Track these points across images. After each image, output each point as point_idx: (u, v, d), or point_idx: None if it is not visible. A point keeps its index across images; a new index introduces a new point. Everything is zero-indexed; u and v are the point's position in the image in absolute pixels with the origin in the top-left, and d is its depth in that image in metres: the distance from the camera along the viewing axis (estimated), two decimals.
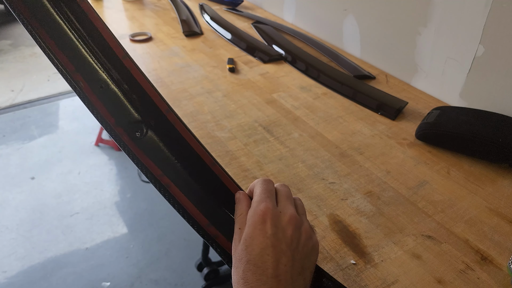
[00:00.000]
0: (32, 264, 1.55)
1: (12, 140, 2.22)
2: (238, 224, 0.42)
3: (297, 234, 0.40)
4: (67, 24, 0.41)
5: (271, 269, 0.37)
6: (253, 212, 0.40)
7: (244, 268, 0.37)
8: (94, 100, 0.42)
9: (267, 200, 0.41)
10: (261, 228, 0.39)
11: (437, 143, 0.80)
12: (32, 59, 3.15)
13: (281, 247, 0.38)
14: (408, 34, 1.01)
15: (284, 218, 0.40)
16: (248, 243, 0.38)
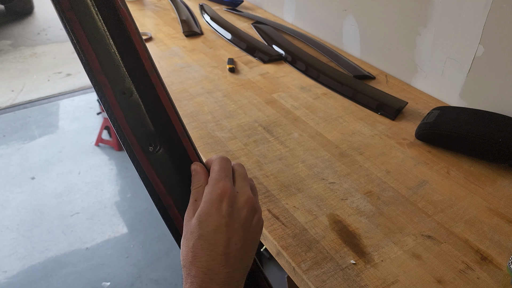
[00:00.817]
0: (32, 264, 1.55)
1: (12, 140, 2.22)
2: (194, 195, 0.42)
3: (250, 215, 0.41)
4: (102, 24, 0.41)
5: (222, 247, 0.38)
6: (211, 189, 0.41)
7: (194, 242, 0.38)
8: (113, 105, 0.41)
9: (225, 179, 0.42)
10: (217, 207, 0.39)
11: (437, 143, 0.80)
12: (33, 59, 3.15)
13: (234, 226, 0.39)
14: (408, 34, 1.01)
15: (241, 198, 0.41)
16: (202, 219, 0.39)
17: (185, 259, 0.39)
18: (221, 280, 0.37)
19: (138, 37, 0.42)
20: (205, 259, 0.37)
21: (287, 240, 0.60)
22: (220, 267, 0.38)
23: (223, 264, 0.38)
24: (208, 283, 0.37)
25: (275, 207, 0.66)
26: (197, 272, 0.37)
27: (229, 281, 0.38)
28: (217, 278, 0.37)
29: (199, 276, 0.37)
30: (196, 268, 0.37)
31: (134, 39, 0.42)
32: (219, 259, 0.38)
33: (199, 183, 0.43)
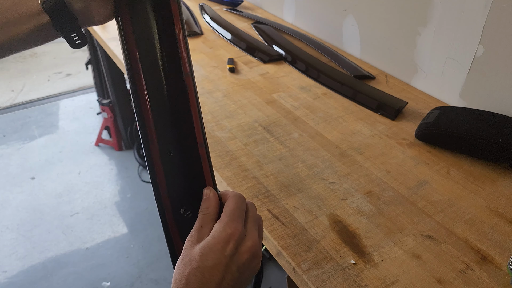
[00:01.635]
0: (32, 264, 1.55)
1: (12, 140, 2.22)
2: (200, 221, 0.43)
3: (249, 260, 0.42)
4: (165, 95, 0.43)
5: (215, 284, 0.39)
6: (223, 227, 0.41)
7: (190, 271, 0.39)
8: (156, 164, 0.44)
9: (238, 220, 0.42)
10: (223, 246, 0.40)
11: (437, 143, 0.80)
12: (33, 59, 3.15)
13: (232, 267, 0.40)
14: (408, 34, 1.01)
15: (247, 243, 0.42)
16: (205, 252, 0.40)
17: (177, 284, 0.39)
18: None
19: (197, 110, 0.44)
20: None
21: (287, 240, 0.60)
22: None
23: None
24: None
25: (275, 207, 0.66)
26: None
27: None
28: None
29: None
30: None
31: (193, 112, 0.44)
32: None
33: (207, 210, 0.44)
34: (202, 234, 0.42)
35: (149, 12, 0.42)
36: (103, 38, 1.28)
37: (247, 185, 0.70)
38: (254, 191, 0.69)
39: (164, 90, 0.43)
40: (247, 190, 0.69)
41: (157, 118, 0.43)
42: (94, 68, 2.07)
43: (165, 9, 0.43)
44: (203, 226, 0.43)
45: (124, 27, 0.42)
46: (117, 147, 2.13)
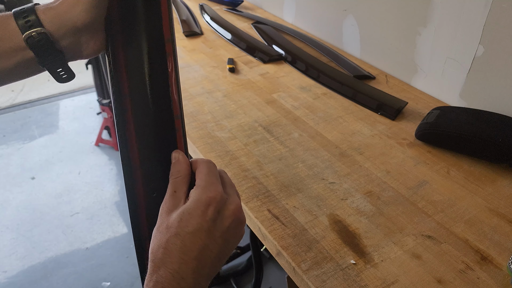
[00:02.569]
0: (32, 264, 1.55)
1: (12, 140, 2.22)
2: (173, 186, 0.40)
3: (234, 225, 0.40)
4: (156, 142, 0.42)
5: (197, 252, 0.36)
6: (202, 191, 0.39)
7: (169, 239, 0.36)
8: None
9: (217, 184, 0.40)
10: (203, 210, 0.37)
11: (437, 143, 0.80)
12: None
13: (215, 234, 0.38)
14: (408, 34, 1.01)
15: (230, 206, 0.40)
16: (184, 217, 0.37)
17: (155, 254, 0.37)
18: (187, 286, 0.36)
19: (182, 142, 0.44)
20: (176, 261, 0.36)
21: (287, 240, 0.60)
22: (189, 272, 0.36)
23: (194, 270, 0.36)
24: (174, 287, 0.35)
25: (275, 207, 0.66)
26: (165, 273, 0.35)
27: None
28: (183, 283, 0.35)
29: (166, 277, 0.35)
30: (165, 268, 0.36)
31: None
32: (190, 264, 0.36)
33: (179, 173, 0.41)
34: (176, 199, 0.39)
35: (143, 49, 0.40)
36: None
37: (247, 185, 0.70)
38: (254, 191, 0.69)
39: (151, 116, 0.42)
40: (247, 190, 0.69)
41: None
42: (94, 68, 2.07)
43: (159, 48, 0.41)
44: (177, 191, 0.40)
45: (114, 60, 0.41)
46: (117, 147, 2.12)
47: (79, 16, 0.38)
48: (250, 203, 0.66)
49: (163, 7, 0.41)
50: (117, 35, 0.41)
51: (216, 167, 0.43)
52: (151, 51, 0.41)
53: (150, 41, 0.41)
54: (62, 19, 0.38)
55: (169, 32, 0.42)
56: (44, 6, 0.38)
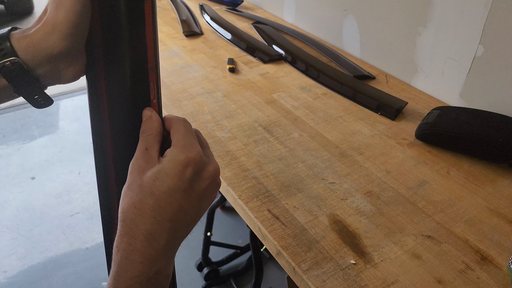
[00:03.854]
0: (32, 264, 1.55)
1: (12, 140, 2.22)
2: (145, 144, 0.38)
3: (211, 188, 0.39)
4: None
5: (171, 213, 0.35)
6: (180, 150, 0.37)
7: (142, 198, 0.35)
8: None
9: (195, 144, 0.38)
10: (181, 170, 0.36)
11: (437, 143, 0.80)
12: None
13: (191, 195, 0.37)
14: (408, 34, 1.01)
15: (208, 168, 0.38)
16: (160, 177, 0.35)
17: (126, 214, 0.35)
18: (160, 247, 0.35)
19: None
20: (149, 221, 0.34)
21: (287, 240, 0.60)
22: (162, 233, 0.35)
23: (167, 231, 0.35)
24: (147, 247, 0.34)
25: (275, 207, 0.66)
26: (136, 234, 0.34)
27: (167, 249, 0.36)
28: (156, 244, 0.35)
29: (138, 238, 0.34)
30: (137, 229, 0.34)
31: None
32: (164, 225, 0.35)
33: (151, 131, 0.39)
34: (149, 157, 0.37)
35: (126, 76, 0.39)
36: None
37: (247, 185, 0.70)
38: (254, 191, 0.69)
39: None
40: (247, 190, 0.69)
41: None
42: None
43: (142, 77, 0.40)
44: (149, 149, 0.37)
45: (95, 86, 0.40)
46: None
47: (55, 45, 0.36)
48: (250, 203, 0.66)
49: (148, 36, 0.40)
50: (98, 61, 0.39)
51: (190, 125, 0.41)
52: (134, 79, 0.39)
53: (133, 69, 0.39)
54: (37, 47, 0.36)
55: (153, 61, 0.41)
56: (19, 34, 0.36)
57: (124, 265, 0.34)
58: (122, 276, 0.34)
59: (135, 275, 0.34)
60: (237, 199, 0.68)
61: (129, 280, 0.34)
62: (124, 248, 0.34)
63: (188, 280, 1.49)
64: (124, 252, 0.34)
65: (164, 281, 0.36)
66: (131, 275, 0.34)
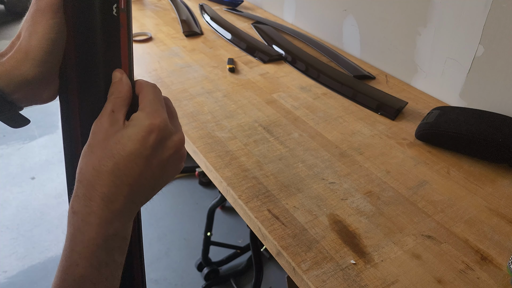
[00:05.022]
0: (32, 264, 1.55)
1: (12, 140, 2.22)
2: (112, 105, 0.37)
3: (175, 158, 0.38)
4: None
5: (131, 178, 0.35)
6: (146, 116, 0.36)
7: (101, 160, 0.34)
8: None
9: (162, 111, 0.38)
10: (144, 136, 0.35)
11: (437, 143, 0.80)
12: None
13: (152, 162, 0.36)
14: (408, 34, 1.01)
15: (174, 137, 0.38)
16: (123, 141, 0.35)
17: (84, 175, 0.35)
18: (116, 210, 0.35)
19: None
20: (107, 184, 0.34)
21: (287, 240, 0.60)
22: (120, 197, 0.35)
23: (125, 195, 0.35)
24: (103, 209, 0.34)
25: (275, 207, 0.66)
26: (93, 196, 0.34)
27: (124, 212, 0.35)
28: (113, 206, 0.34)
29: (95, 200, 0.34)
30: (94, 191, 0.34)
31: None
32: (123, 189, 0.35)
33: (120, 94, 0.38)
34: (114, 120, 0.36)
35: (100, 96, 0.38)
36: None
37: (247, 185, 0.70)
38: (254, 191, 0.69)
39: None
40: (247, 190, 0.69)
41: None
42: None
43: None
44: (115, 111, 0.37)
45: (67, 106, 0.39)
46: None
47: (28, 72, 0.36)
48: (250, 203, 0.66)
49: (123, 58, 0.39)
50: (72, 83, 0.39)
51: (160, 92, 0.40)
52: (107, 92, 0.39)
53: (107, 83, 0.39)
54: (11, 75, 0.36)
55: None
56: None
57: (81, 227, 0.34)
58: (79, 237, 0.34)
59: (92, 236, 0.34)
60: (237, 199, 0.68)
61: (86, 242, 0.34)
62: (80, 211, 0.34)
63: (188, 280, 1.50)
64: (80, 214, 0.34)
65: (122, 243, 0.36)
66: (88, 237, 0.34)
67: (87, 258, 0.33)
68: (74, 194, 0.35)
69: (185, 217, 1.74)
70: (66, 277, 0.33)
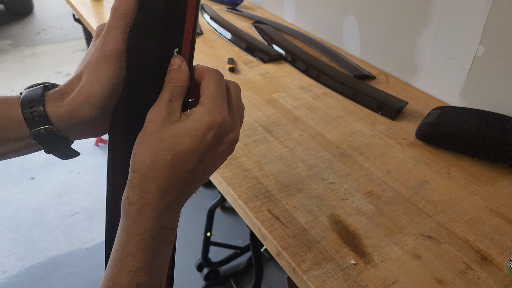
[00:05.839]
0: (32, 264, 1.55)
1: None
2: (169, 94, 0.36)
3: (225, 154, 0.39)
4: None
5: (185, 171, 0.35)
6: (206, 112, 0.35)
7: (159, 152, 0.34)
8: None
9: (223, 107, 0.37)
10: (203, 133, 0.35)
11: (437, 143, 0.80)
12: (32, 59, 3.15)
13: (206, 158, 0.36)
14: (408, 34, 1.01)
15: (229, 135, 0.37)
16: (180, 134, 0.35)
17: (140, 165, 0.34)
18: (170, 202, 0.35)
19: None
20: (162, 177, 0.34)
21: (287, 240, 0.60)
22: (173, 189, 0.35)
23: (178, 188, 0.35)
24: (157, 202, 0.34)
25: (275, 207, 0.66)
26: (149, 187, 0.34)
27: (175, 205, 0.36)
28: (166, 199, 0.35)
29: (150, 192, 0.34)
30: (149, 182, 0.34)
31: None
32: (176, 182, 0.35)
33: (178, 82, 0.37)
34: (171, 109, 0.36)
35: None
36: None
37: (247, 185, 0.70)
38: (254, 191, 0.69)
39: None
40: (247, 190, 0.69)
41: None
42: None
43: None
44: (173, 100, 0.36)
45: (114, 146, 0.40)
46: None
47: (88, 114, 0.37)
48: (250, 203, 0.66)
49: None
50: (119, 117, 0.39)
51: (223, 80, 0.38)
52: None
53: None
54: (71, 116, 0.37)
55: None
56: (53, 99, 0.37)
57: (137, 218, 0.34)
58: (135, 229, 0.34)
59: (147, 229, 0.34)
60: (237, 199, 0.68)
61: (142, 234, 0.34)
62: (136, 201, 0.34)
63: (188, 280, 1.49)
64: (136, 205, 0.34)
65: (170, 235, 0.37)
66: (143, 229, 0.34)
67: (143, 249, 0.34)
68: (128, 184, 0.35)
69: (185, 217, 1.74)
70: (123, 267, 0.33)
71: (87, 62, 0.37)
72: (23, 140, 0.37)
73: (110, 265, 0.34)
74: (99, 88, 0.36)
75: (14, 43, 3.39)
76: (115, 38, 0.35)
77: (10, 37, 3.48)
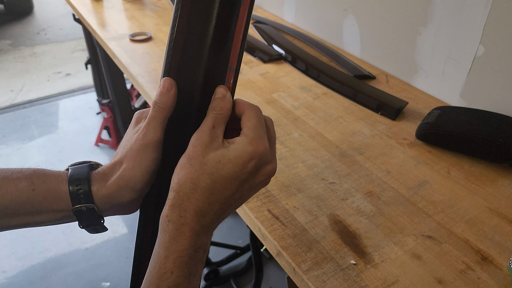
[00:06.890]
0: (32, 264, 1.55)
1: (12, 140, 2.22)
2: (213, 121, 0.38)
3: (262, 184, 0.41)
4: None
5: (224, 197, 0.37)
6: (249, 143, 0.37)
7: (200, 175, 0.36)
8: None
9: (265, 139, 0.39)
10: (245, 161, 0.37)
11: (438, 143, 0.80)
12: (32, 59, 3.15)
13: (244, 186, 0.38)
14: (408, 34, 1.01)
15: (268, 167, 0.39)
16: (224, 162, 0.36)
17: (181, 186, 0.36)
18: (206, 223, 0.37)
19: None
20: (201, 199, 0.36)
21: (287, 240, 0.60)
22: (211, 213, 0.37)
23: (215, 211, 0.37)
24: (195, 222, 0.36)
25: (275, 207, 0.66)
26: (188, 208, 0.36)
27: (210, 227, 0.38)
28: (203, 220, 0.37)
29: (189, 212, 0.36)
30: (189, 203, 0.36)
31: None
32: (214, 206, 0.37)
33: (222, 110, 0.39)
34: (214, 136, 0.38)
35: None
36: (103, 38, 1.27)
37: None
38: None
39: None
40: None
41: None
42: (94, 67, 2.07)
43: None
44: (216, 127, 0.38)
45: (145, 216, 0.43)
46: (116, 147, 2.12)
47: (126, 197, 0.40)
48: (250, 203, 0.66)
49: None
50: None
51: (262, 116, 0.41)
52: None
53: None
54: (111, 197, 0.40)
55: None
56: (97, 179, 0.40)
57: (175, 236, 0.36)
58: (173, 246, 0.36)
59: (185, 247, 0.35)
60: None
61: (180, 252, 0.35)
62: (175, 220, 0.36)
63: None
64: (175, 223, 0.36)
65: (203, 256, 0.38)
66: (181, 247, 0.35)
67: (180, 267, 0.35)
68: (168, 202, 0.37)
69: None
70: (161, 283, 0.35)
71: (129, 149, 0.39)
72: (61, 212, 0.40)
73: (148, 281, 0.35)
74: (140, 175, 0.39)
75: (14, 43, 3.39)
76: (155, 128, 0.38)
77: (10, 37, 3.48)
